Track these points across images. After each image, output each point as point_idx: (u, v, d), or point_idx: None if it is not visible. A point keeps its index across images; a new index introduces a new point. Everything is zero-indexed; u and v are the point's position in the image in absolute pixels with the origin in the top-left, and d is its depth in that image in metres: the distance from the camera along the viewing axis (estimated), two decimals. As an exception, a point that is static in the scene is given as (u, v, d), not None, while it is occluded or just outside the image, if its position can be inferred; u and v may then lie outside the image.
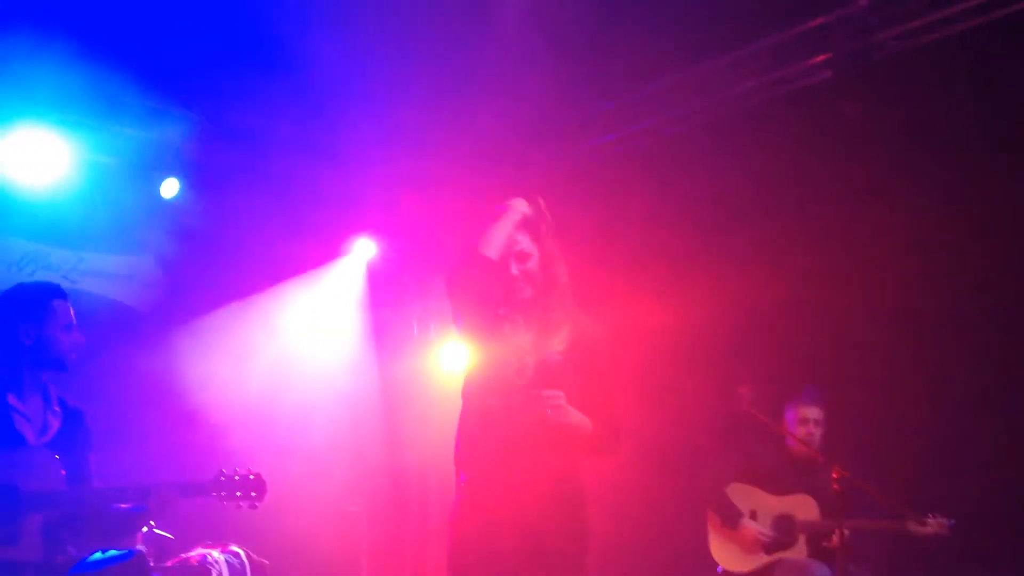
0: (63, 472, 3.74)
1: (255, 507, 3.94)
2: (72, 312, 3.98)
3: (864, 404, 5.92)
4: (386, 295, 7.78)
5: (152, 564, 5.07)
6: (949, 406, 5.59)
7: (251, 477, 3.94)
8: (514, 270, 3.31)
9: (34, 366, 3.88)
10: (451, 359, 7.27)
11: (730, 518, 5.37)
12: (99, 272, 6.65)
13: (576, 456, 3.37)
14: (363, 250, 7.67)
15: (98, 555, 3.74)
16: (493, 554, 3.21)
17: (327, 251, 7.52)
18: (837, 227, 6.16)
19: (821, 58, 6.00)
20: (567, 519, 3.29)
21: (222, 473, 3.92)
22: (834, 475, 4.69)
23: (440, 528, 6.85)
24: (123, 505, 3.85)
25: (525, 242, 3.36)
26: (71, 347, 3.93)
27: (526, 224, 3.39)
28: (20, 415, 3.82)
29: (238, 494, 3.91)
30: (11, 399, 3.82)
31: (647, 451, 6.76)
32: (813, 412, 5.47)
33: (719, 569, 5.53)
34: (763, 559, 5.34)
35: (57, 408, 3.95)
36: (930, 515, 4.95)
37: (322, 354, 7.15)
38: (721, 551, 5.47)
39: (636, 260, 6.97)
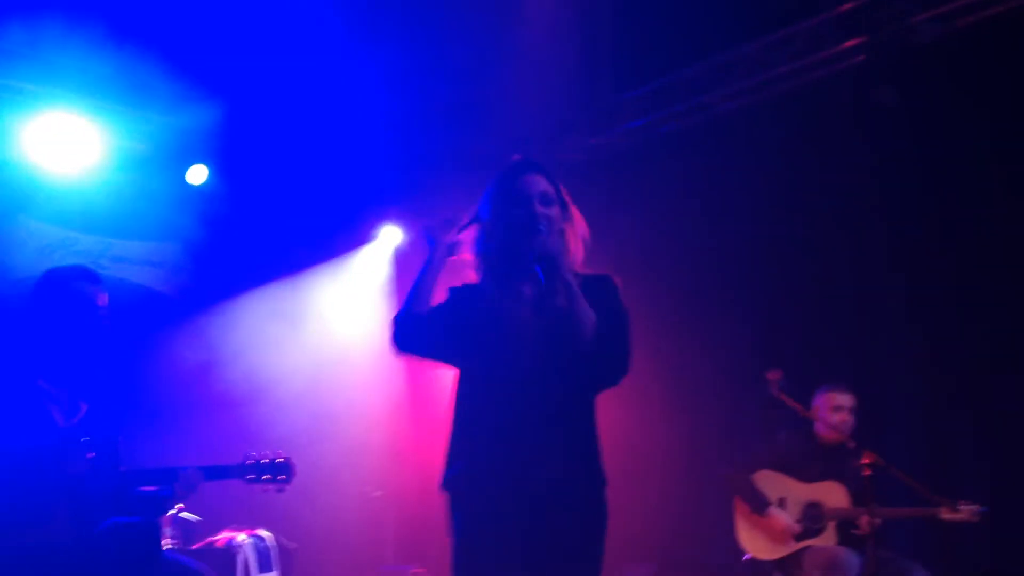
0: (91, 455, 3.73)
1: (282, 490, 3.94)
2: (102, 297, 3.95)
3: (892, 390, 5.88)
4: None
5: (179, 546, 5.10)
6: (978, 392, 5.54)
7: (279, 460, 3.93)
8: (538, 208, 3.10)
9: (62, 350, 3.88)
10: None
11: (758, 506, 5.32)
12: (128, 258, 6.67)
13: (593, 421, 3.09)
14: (390, 237, 7.65)
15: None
16: (502, 559, 2.96)
17: (354, 237, 7.51)
18: (869, 213, 6.09)
19: (854, 42, 5.94)
20: (585, 510, 3.02)
21: (249, 456, 3.92)
22: (865, 461, 4.64)
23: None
24: (150, 488, 3.86)
25: (548, 186, 3.15)
26: (97, 332, 3.91)
27: (543, 171, 3.19)
28: (50, 398, 3.82)
29: (266, 476, 3.90)
30: (41, 382, 3.82)
31: (676, 439, 6.74)
32: (847, 399, 5.39)
33: (746, 557, 5.48)
34: (792, 547, 5.28)
35: (87, 392, 3.95)
36: (961, 502, 4.88)
37: (349, 340, 7.14)
38: (749, 539, 5.42)
39: (665, 245, 6.93)
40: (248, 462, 3.91)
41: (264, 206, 6.88)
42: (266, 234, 6.90)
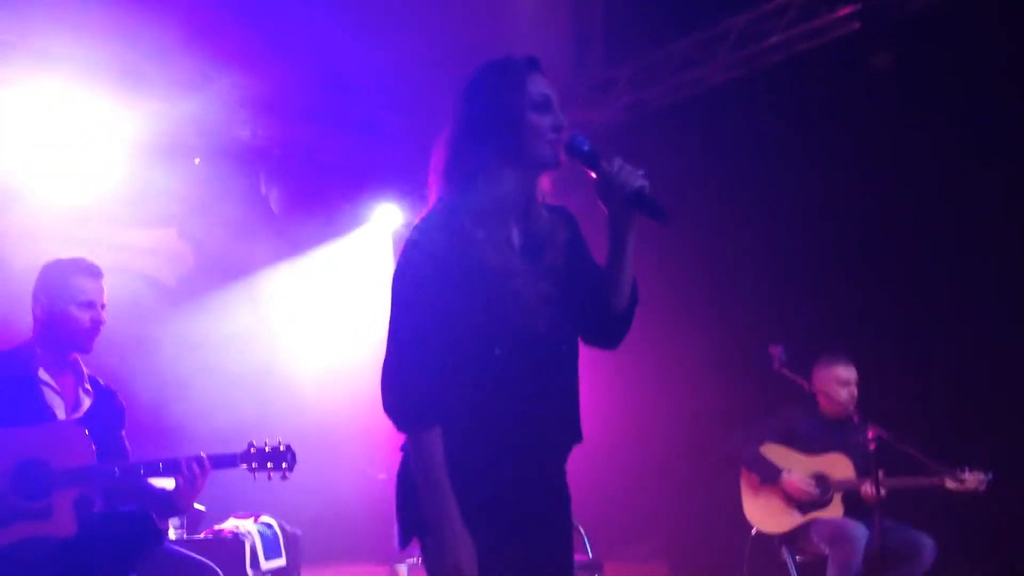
0: (94, 447, 3.72)
1: (285, 478, 3.93)
2: (97, 290, 3.90)
3: (896, 362, 5.88)
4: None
5: (186, 536, 5.11)
6: (981, 362, 5.54)
7: (281, 449, 3.92)
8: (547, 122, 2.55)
9: (57, 342, 3.86)
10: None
11: (770, 475, 5.32)
12: (124, 246, 6.64)
13: None
14: (387, 217, 7.61)
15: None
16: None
17: (352, 219, 7.48)
18: (866, 183, 6.07)
19: (848, 10, 5.90)
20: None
21: (252, 445, 3.90)
22: (870, 435, 4.65)
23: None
24: (155, 480, 3.85)
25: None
26: (89, 326, 3.84)
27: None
28: (51, 389, 3.80)
29: (269, 465, 3.88)
30: (41, 373, 3.80)
31: (677, 415, 6.74)
32: (852, 373, 5.41)
33: (753, 531, 5.49)
34: (798, 519, 5.29)
35: (88, 387, 3.92)
36: (968, 470, 4.90)
37: (352, 321, 7.13)
38: (756, 512, 5.43)
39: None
40: (252, 450, 3.90)
41: (260, 189, 6.85)
42: (263, 217, 6.87)
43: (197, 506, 5.26)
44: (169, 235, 6.79)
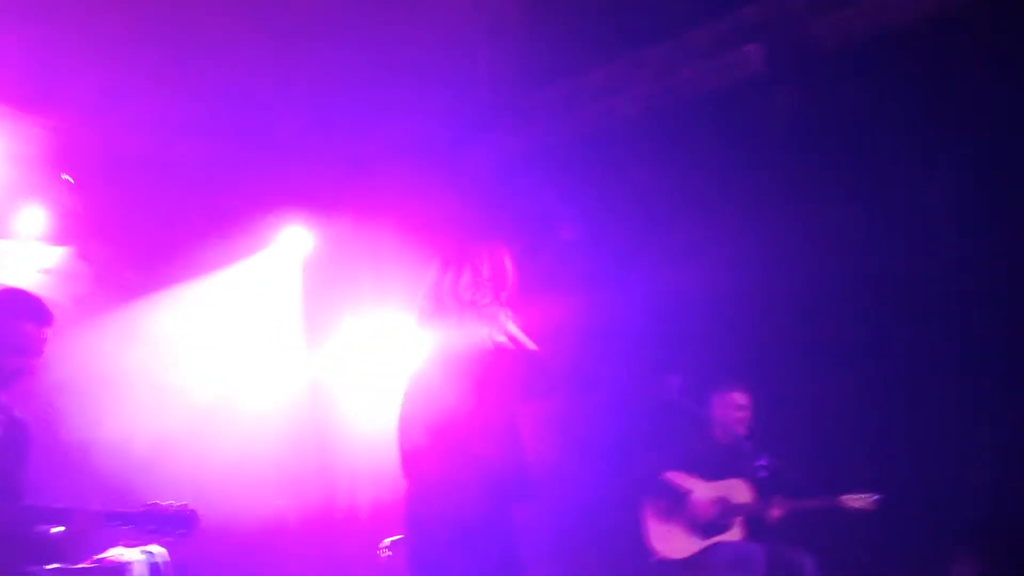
0: None
1: (182, 541, 3.82)
2: (38, 338, 3.76)
3: (788, 390, 5.95)
4: (319, 289, 7.57)
5: (68, 564, 4.91)
6: (873, 389, 5.65)
7: (184, 513, 3.78)
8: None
9: None
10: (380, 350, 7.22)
11: (679, 497, 5.37)
12: (15, 263, 6.44)
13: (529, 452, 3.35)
14: (294, 241, 7.46)
15: None
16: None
17: (254, 241, 7.32)
18: (764, 220, 6.15)
19: (754, 47, 5.97)
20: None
21: (151, 506, 3.76)
22: (762, 462, 4.74)
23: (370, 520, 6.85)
24: (42, 527, 3.67)
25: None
26: (13, 369, 3.72)
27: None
28: None
29: (167, 528, 3.76)
30: None
31: (578, 443, 6.73)
32: (743, 398, 5.54)
33: (653, 559, 5.49)
34: (699, 544, 5.33)
35: (2, 416, 3.76)
36: (857, 492, 5.03)
37: (250, 346, 7.00)
38: (659, 539, 5.45)
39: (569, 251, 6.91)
40: (150, 511, 3.75)
41: (159, 209, 6.69)
42: (163, 238, 6.72)
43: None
44: (66, 254, 6.59)
